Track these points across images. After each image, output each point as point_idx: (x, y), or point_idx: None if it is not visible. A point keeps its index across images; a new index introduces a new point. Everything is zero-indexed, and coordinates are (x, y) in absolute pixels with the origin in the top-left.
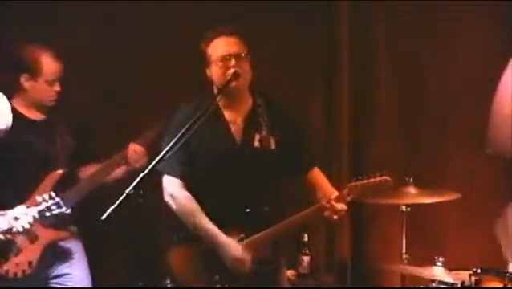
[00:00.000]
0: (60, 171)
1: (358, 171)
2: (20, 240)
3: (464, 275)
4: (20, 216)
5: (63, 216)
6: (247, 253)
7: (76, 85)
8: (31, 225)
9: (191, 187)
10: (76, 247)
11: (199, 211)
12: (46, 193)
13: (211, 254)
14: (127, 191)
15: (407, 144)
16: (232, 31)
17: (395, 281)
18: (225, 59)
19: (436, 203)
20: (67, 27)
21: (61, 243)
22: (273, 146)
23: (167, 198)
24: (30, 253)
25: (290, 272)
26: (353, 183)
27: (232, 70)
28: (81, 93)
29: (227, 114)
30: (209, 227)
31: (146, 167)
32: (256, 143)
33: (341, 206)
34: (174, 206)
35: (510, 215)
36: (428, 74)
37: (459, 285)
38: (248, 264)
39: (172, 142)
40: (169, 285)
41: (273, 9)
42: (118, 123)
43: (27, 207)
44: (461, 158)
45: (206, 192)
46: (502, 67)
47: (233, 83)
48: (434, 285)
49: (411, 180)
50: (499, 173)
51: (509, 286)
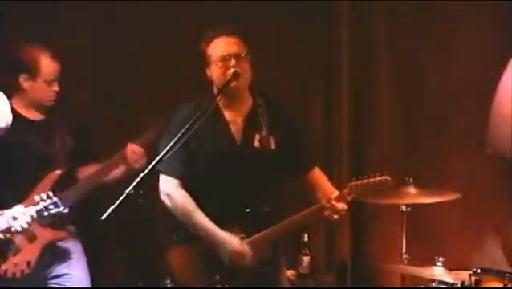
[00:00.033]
0: (59, 171)
1: (358, 171)
2: (18, 240)
3: (464, 275)
4: (18, 215)
5: (61, 216)
6: (247, 246)
7: (76, 85)
8: (30, 224)
9: (191, 187)
10: (75, 247)
11: (196, 209)
12: (44, 193)
13: (211, 254)
14: (127, 191)
15: (407, 144)
16: (232, 31)
17: (395, 281)
18: (225, 59)
19: (436, 203)
20: (67, 27)
21: (59, 243)
22: (273, 146)
23: (163, 197)
24: (29, 253)
25: (290, 272)
26: (353, 183)
27: (232, 70)
28: (81, 93)
29: (227, 114)
30: (207, 224)
31: (146, 167)
32: (256, 143)
33: (341, 206)
34: (170, 205)
35: None
36: (428, 74)
37: (459, 285)
38: (248, 258)
39: (172, 142)
40: (169, 285)
41: (273, 9)
42: (118, 123)
43: (25, 207)
44: (461, 158)
45: (206, 192)
46: (502, 67)
47: (233, 83)
48: (434, 285)
49: (411, 180)
50: (499, 173)
51: (509, 286)
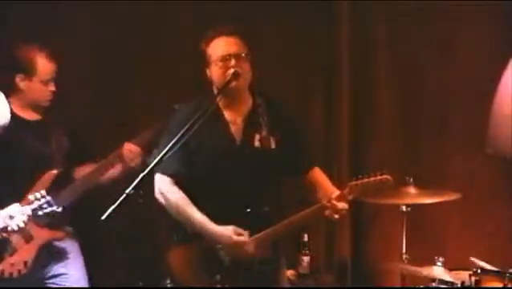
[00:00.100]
0: (55, 171)
1: (358, 171)
2: (15, 240)
3: (464, 275)
4: (15, 215)
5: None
6: (245, 233)
7: (76, 85)
8: (26, 224)
9: (191, 187)
10: (72, 247)
11: (189, 204)
12: (37, 192)
13: (211, 254)
14: (127, 191)
15: (407, 144)
16: (232, 31)
17: (395, 281)
18: (225, 59)
19: (436, 203)
20: (67, 27)
21: (56, 243)
22: (273, 146)
23: (158, 196)
24: (26, 253)
25: (290, 272)
26: (354, 182)
27: (232, 70)
28: (81, 93)
29: (227, 114)
30: (200, 218)
31: (145, 167)
32: (256, 143)
33: (342, 205)
34: (165, 203)
35: None
36: (428, 74)
37: (459, 285)
38: (250, 247)
39: (172, 142)
40: (169, 285)
41: (273, 9)
42: (118, 123)
43: (21, 206)
44: (461, 158)
45: (206, 192)
46: (502, 67)
47: (233, 83)
48: (434, 285)
49: (411, 180)
50: (499, 173)
51: (509, 286)
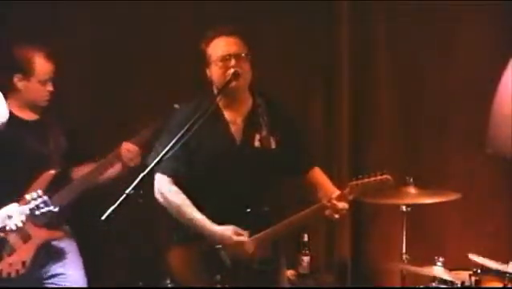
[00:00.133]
0: (53, 171)
1: (358, 171)
2: (13, 239)
3: (464, 275)
4: (13, 214)
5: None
6: (245, 233)
7: (76, 85)
8: (24, 223)
9: (191, 187)
10: (70, 247)
11: (188, 204)
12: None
13: (211, 254)
14: (127, 191)
15: (407, 144)
16: (232, 31)
17: (395, 281)
18: (225, 59)
19: (436, 203)
20: (67, 27)
21: (54, 243)
22: (273, 146)
23: (157, 196)
24: (24, 253)
25: (290, 272)
26: (354, 182)
27: (232, 70)
28: (81, 93)
29: (227, 114)
30: (200, 218)
31: (144, 166)
32: (256, 143)
33: (342, 205)
34: (164, 202)
35: None
36: (428, 74)
37: (459, 285)
38: (250, 247)
39: (172, 142)
40: (169, 285)
41: (273, 9)
42: (118, 123)
43: (20, 206)
44: (461, 158)
45: (206, 192)
46: (502, 67)
47: (233, 83)
48: (434, 285)
49: (411, 180)
50: (499, 173)
51: (509, 286)
